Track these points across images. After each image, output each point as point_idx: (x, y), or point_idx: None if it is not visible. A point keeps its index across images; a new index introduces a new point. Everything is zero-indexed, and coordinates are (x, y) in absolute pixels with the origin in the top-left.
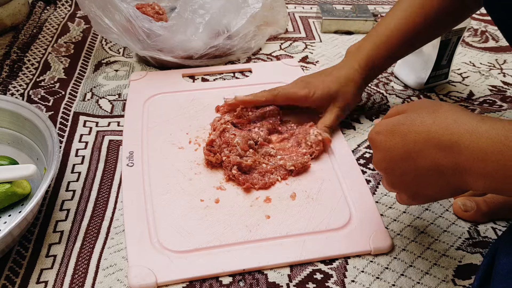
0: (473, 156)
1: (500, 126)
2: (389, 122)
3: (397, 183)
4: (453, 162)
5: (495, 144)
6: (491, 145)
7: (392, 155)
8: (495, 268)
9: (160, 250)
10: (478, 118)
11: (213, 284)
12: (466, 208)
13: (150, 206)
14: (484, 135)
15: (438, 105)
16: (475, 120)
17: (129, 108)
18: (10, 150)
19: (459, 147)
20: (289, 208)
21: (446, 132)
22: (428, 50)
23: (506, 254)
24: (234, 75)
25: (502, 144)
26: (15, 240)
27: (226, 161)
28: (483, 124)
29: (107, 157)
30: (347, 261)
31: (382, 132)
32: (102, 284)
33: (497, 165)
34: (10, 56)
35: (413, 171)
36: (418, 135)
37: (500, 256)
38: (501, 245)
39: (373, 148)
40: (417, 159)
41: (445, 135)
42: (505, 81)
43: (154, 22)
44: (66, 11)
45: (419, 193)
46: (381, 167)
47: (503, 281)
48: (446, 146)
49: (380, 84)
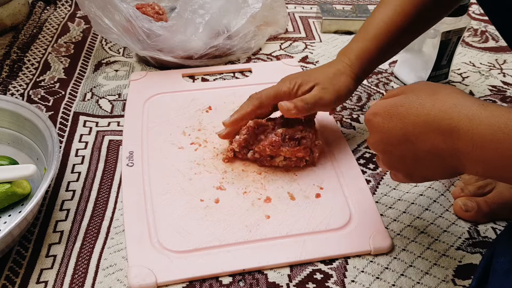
0: (472, 142)
1: (501, 113)
2: (387, 104)
3: (394, 163)
4: (451, 146)
5: (495, 132)
6: (490, 132)
7: (390, 137)
8: (493, 267)
9: (160, 250)
10: (479, 103)
11: (213, 284)
12: (467, 208)
13: (150, 206)
14: (484, 122)
15: (438, 88)
16: (476, 105)
17: (129, 108)
18: (10, 150)
19: (458, 132)
20: (289, 208)
21: (445, 117)
22: (428, 50)
23: (504, 253)
24: (234, 75)
25: (502, 132)
26: (15, 240)
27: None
28: (484, 110)
29: (107, 157)
30: (347, 261)
31: (380, 113)
32: (102, 284)
33: (495, 153)
34: (10, 56)
35: (412, 153)
36: (417, 118)
37: (498, 255)
38: (498, 245)
39: (369, 129)
40: (416, 142)
41: (444, 120)
42: (505, 81)
43: (154, 22)
44: (66, 11)
45: (416, 173)
46: (378, 148)
47: (501, 280)
48: (445, 131)
49: (380, 84)
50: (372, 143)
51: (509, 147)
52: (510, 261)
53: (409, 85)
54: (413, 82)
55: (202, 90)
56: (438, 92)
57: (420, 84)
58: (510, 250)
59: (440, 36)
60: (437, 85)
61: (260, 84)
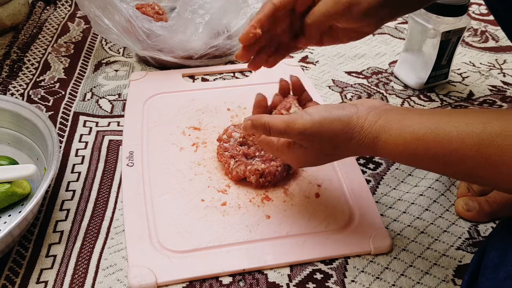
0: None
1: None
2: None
3: (306, 164)
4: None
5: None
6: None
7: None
8: (484, 262)
9: (160, 250)
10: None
11: (213, 284)
12: (468, 208)
13: (150, 206)
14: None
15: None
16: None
17: (129, 108)
18: (10, 150)
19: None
20: (289, 208)
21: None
22: (428, 50)
23: (495, 248)
24: (234, 75)
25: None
26: (15, 240)
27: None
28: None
29: (107, 157)
30: (347, 261)
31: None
32: (102, 284)
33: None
34: (10, 56)
35: (333, 158)
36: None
37: (489, 249)
38: (490, 240)
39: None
40: (341, 154)
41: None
42: (505, 81)
43: (154, 22)
44: (66, 11)
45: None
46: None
47: (491, 273)
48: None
49: (380, 84)
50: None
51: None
52: (500, 255)
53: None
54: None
55: (202, 90)
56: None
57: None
58: (500, 245)
59: (440, 36)
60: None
61: (260, 84)
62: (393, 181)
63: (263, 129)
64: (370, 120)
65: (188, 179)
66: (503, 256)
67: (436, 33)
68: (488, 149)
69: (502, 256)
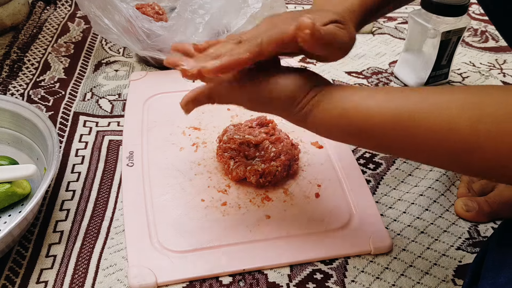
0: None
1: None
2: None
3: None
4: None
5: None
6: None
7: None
8: (485, 264)
9: (160, 250)
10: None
11: (213, 284)
12: (468, 208)
13: (150, 206)
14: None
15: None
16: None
17: (129, 108)
18: (10, 150)
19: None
20: (289, 208)
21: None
22: (428, 50)
23: (495, 249)
24: None
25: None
26: (15, 240)
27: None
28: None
29: (107, 157)
30: (347, 261)
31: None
32: (102, 284)
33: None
34: (10, 56)
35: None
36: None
37: (490, 251)
38: (491, 243)
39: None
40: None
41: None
42: (505, 81)
43: (154, 22)
44: (66, 11)
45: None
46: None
47: (492, 277)
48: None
49: (380, 84)
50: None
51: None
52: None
53: None
54: (413, 83)
55: None
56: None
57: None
58: (501, 248)
59: (440, 36)
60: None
61: None
62: (393, 181)
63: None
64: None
65: (188, 179)
66: (504, 259)
67: (436, 33)
68: (406, 122)
69: (503, 259)
